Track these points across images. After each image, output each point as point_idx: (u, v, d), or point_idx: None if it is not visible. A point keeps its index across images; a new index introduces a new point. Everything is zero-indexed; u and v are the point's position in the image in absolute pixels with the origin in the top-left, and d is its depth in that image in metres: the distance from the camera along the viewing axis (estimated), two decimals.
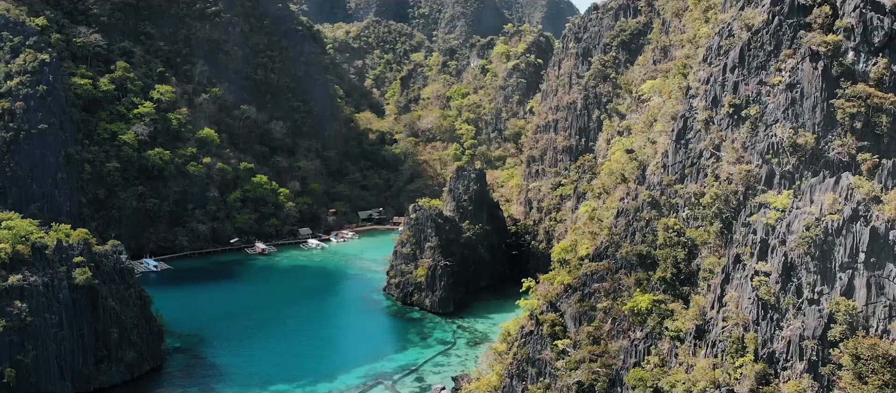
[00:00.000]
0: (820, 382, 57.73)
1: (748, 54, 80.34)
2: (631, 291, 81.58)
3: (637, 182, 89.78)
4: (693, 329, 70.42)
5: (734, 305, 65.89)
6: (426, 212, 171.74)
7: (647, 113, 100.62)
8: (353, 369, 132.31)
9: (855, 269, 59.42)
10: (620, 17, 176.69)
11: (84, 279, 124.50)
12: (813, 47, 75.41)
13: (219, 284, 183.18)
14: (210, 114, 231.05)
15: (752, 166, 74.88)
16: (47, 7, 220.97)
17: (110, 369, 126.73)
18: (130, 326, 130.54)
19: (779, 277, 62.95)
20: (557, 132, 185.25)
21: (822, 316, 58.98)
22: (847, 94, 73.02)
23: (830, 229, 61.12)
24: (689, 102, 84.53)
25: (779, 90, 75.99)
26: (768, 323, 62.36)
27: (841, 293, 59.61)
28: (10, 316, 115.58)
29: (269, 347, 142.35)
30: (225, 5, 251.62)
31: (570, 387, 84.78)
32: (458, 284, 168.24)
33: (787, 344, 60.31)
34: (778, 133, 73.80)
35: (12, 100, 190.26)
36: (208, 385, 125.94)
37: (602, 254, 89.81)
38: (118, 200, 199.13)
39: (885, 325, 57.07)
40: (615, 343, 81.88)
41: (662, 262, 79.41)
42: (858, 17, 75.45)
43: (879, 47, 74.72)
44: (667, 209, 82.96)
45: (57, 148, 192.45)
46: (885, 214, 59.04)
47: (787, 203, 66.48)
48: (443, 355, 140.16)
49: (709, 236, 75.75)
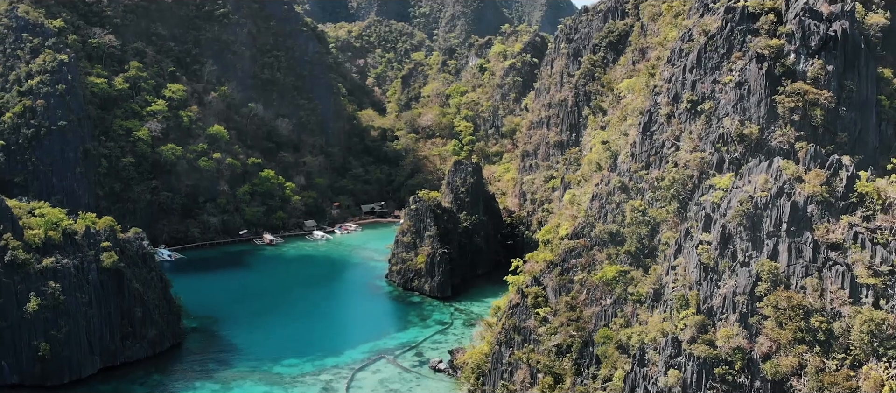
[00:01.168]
0: (748, 330, 69.81)
1: (704, 56, 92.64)
2: (602, 264, 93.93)
3: (610, 170, 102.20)
4: (651, 293, 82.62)
5: (682, 270, 78.03)
6: (425, 203, 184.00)
7: (622, 108, 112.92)
8: (357, 346, 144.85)
9: (779, 236, 71.53)
10: (609, 19, 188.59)
11: (111, 262, 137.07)
12: (759, 50, 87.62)
13: (230, 271, 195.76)
14: (219, 111, 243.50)
15: (705, 154, 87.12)
16: (64, 9, 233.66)
17: (134, 346, 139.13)
18: (152, 306, 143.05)
19: (718, 245, 75.13)
20: (549, 128, 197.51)
21: (751, 275, 71.08)
22: (787, 90, 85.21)
23: (760, 204, 73.26)
24: (654, 99, 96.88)
25: (729, 88, 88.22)
26: (708, 283, 74.48)
27: (767, 256, 71.73)
28: (45, 295, 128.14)
29: (279, 326, 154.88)
30: (232, 7, 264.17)
31: (550, 349, 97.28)
32: (456, 271, 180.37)
33: (723, 299, 72.43)
34: (727, 125, 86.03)
35: (33, 98, 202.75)
36: (225, 360, 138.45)
37: (579, 233, 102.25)
38: (133, 193, 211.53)
39: (801, 281, 69.14)
40: (589, 310, 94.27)
41: (629, 238, 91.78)
42: (798, 24, 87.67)
43: (816, 50, 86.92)
44: (634, 193, 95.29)
45: (76, 143, 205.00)
46: (805, 190, 71.21)
47: (728, 184, 78.65)
48: (440, 334, 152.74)
49: (667, 215, 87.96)
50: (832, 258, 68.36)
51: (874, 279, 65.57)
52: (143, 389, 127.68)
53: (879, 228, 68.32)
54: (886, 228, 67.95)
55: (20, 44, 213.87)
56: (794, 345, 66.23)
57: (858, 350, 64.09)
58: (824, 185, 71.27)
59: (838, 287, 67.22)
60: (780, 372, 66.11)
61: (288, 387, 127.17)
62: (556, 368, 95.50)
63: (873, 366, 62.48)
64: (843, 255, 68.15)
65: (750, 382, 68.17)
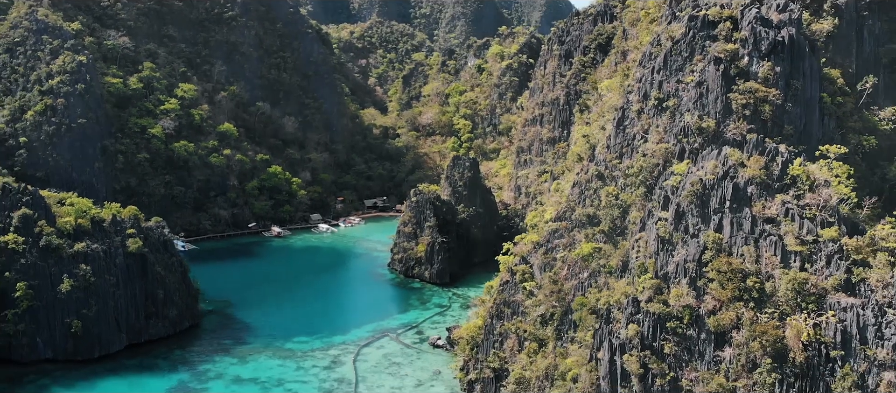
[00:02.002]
0: (696, 290, 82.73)
1: (670, 59, 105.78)
2: (580, 243, 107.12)
3: (589, 160, 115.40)
4: (620, 264, 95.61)
5: (644, 243, 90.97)
6: (425, 196, 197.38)
7: (602, 105, 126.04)
8: (362, 326, 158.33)
9: (723, 212, 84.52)
10: (598, 23, 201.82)
11: (136, 248, 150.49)
12: (716, 54, 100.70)
13: (241, 261, 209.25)
14: (228, 110, 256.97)
15: (669, 145, 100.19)
16: (80, 12, 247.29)
17: (157, 324, 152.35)
18: (173, 288, 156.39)
19: (673, 221, 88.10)
20: (543, 125, 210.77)
21: (699, 245, 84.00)
22: (740, 89, 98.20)
23: (708, 185, 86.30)
24: (627, 97, 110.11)
25: (690, 86, 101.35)
26: (664, 252, 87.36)
27: (713, 229, 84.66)
28: (77, 277, 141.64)
29: (289, 309, 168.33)
30: (240, 10, 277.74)
31: (535, 319, 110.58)
32: (454, 260, 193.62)
33: (676, 266, 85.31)
34: (688, 119, 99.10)
35: (54, 97, 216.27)
36: (240, 338, 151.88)
37: (561, 216, 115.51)
38: (148, 187, 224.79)
39: (740, 249, 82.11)
40: (568, 283, 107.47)
41: (604, 219, 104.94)
42: (751, 30, 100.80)
43: (766, 53, 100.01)
44: (609, 180, 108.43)
45: (94, 140, 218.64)
46: (747, 174, 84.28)
47: (685, 169, 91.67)
48: (439, 315, 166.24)
49: (636, 198, 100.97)
50: (767, 230, 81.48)
51: (801, 247, 78.68)
52: (166, 363, 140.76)
53: (807, 205, 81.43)
54: (813, 204, 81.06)
55: (40, 45, 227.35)
56: (733, 302, 79.35)
57: (785, 305, 77.14)
58: (763, 169, 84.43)
59: (771, 254, 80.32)
60: (722, 325, 79.26)
61: (299, 361, 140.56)
62: (540, 334, 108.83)
63: (796, 317, 75.51)
64: (776, 227, 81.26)
65: (697, 333, 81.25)
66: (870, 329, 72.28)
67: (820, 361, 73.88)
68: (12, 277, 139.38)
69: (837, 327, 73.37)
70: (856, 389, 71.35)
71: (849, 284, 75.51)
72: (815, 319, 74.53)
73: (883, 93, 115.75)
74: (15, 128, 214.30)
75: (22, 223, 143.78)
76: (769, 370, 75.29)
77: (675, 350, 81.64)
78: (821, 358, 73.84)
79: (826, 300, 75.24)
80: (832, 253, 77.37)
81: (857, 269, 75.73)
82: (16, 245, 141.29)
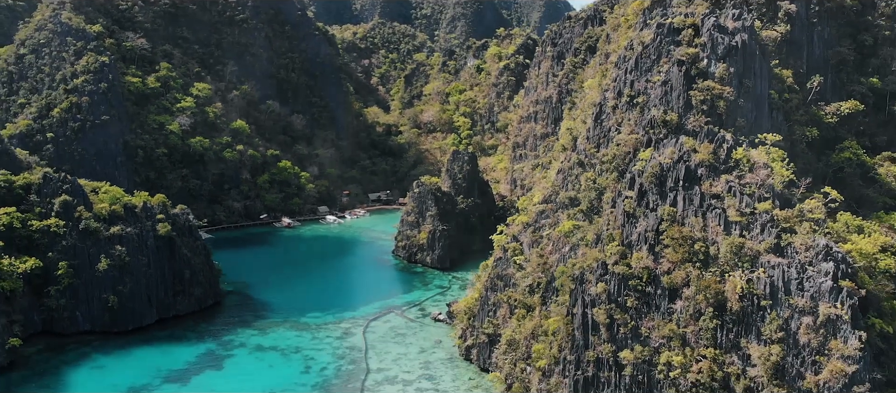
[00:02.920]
0: (654, 255, 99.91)
1: (641, 61, 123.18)
2: (563, 222, 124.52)
3: (571, 150, 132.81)
4: (594, 237, 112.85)
5: (614, 218, 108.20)
6: (427, 187, 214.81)
7: (583, 102, 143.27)
8: (370, 303, 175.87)
9: (677, 190, 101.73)
10: (588, 26, 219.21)
11: (165, 231, 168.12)
12: (679, 57, 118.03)
13: (255, 248, 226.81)
14: (240, 108, 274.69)
15: (638, 135, 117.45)
16: (100, 15, 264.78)
17: (184, 301, 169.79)
18: (198, 268, 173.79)
19: (636, 198, 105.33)
20: (537, 122, 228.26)
21: (657, 218, 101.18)
22: (700, 87, 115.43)
23: (665, 168, 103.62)
24: (603, 94, 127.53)
25: (657, 85, 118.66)
26: (629, 224, 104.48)
27: (668, 204, 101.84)
28: (113, 257, 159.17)
29: (302, 290, 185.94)
30: (251, 13, 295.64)
31: (524, 289, 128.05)
32: (454, 246, 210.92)
33: (638, 235, 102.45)
34: (654, 113, 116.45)
35: (78, 95, 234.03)
36: (259, 313, 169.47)
37: (547, 199, 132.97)
38: (166, 180, 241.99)
39: (690, 220, 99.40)
40: (552, 256, 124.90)
41: (583, 200, 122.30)
42: (709, 36, 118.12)
43: (722, 56, 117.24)
44: (588, 166, 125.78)
45: (116, 136, 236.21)
46: (697, 158, 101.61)
47: (649, 155, 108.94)
48: (440, 295, 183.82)
49: (610, 181, 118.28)
50: (713, 204, 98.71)
51: (740, 218, 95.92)
52: (193, 334, 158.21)
53: (747, 184, 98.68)
54: (751, 183, 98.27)
55: (65, 47, 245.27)
56: (683, 263, 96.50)
57: (725, 264, 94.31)
58: (711, 154, 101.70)
59: (716, 224, 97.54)
60: (674, 282, 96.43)
61: (314, 332, 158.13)
62: (528, 302, 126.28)
63: (734, 274, 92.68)
64: (720, 202, 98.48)
65: (654, 290, 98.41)
66: (793, 283, 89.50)
67: (752, 309, 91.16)
68: (54, 257, 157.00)
69: (767, 282, 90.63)
70: (780, 331, 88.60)
71: (778, 248, 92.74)
72: (748, 275, 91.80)
73: (830, 91, 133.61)
74: (42, 124, 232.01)
75: (62, 209, 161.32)
76: (711, 317, 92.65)
77: (636, 304, 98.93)
78: (753, 307, 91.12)
79: (759, 260, 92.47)
80: (765, 222, 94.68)
81: (785, 235, 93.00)
82: (57, 228, 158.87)
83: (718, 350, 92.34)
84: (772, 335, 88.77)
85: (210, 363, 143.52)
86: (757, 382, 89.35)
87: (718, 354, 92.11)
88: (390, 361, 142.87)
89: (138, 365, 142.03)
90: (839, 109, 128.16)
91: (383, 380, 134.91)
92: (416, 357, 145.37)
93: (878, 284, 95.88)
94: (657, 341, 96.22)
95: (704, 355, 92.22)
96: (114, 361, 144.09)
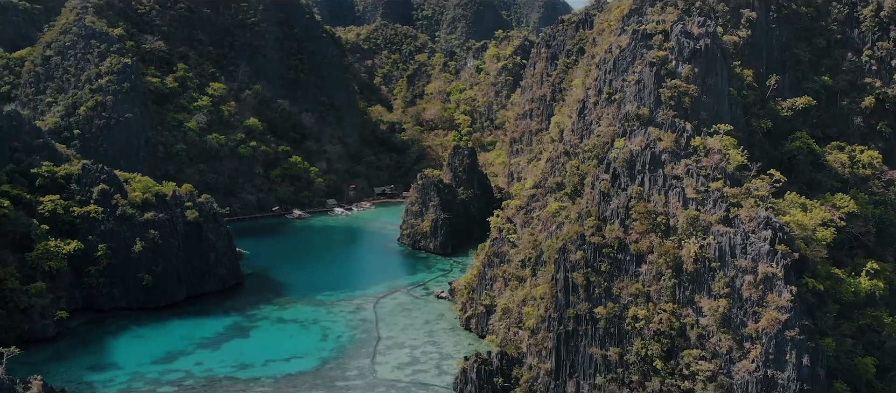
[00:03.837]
0: (624, 227, 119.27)
1: (618, 63, 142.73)
2: (550, 204, 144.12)
3: (558, 140, 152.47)
4: (576, 215, 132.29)
5: (592, 197, 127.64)
6: (430, 179, 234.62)
7: (570, 99, 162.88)
8: (378, 284, 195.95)
9: (644, 173, 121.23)
10: (580, 29, 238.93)
11: (193, 217, 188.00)
12: (651, 59, 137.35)
13: (270, 237, 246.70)
14: (253, 106, 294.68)
15: (615, 128, 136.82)
16: (121, 19, 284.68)
17: (210, 280, 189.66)
18: (222, 251, 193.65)
19: (611, 180, 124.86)
20: (532, 118, 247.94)
21: (627, 196, 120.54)
22: (668, 85, 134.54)
23: (635, 154, 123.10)
24: (586, 92, 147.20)
25: (632, 84, 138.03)
26: (604, 202, 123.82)
27: (637, 184, 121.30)
28: (147, 240, 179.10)
29: (316, 273, 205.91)
30: (262, 16, 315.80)
31: (517, 264, 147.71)
32: (455, 234, 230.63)
33: (611, 211, 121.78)
34: (629, 108, 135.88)
35: (103, 94, 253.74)
36: (278, 292, 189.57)
37: (538, 185, 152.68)
38: (184, 174, 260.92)
39: (654, 198, 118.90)
40: (542, 235, 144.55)
41: (567, 185, 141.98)
42: (677, 41, 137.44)
43: (688, 58, 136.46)
44: (572, 155, 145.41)
45: (139, 133, 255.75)
46: (662, 145, 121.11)
47: (622, 144, 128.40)
48: (442, 276, 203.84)
49: (590, 167, 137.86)
50: (674, 184, 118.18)
51: (696, 195, 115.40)
52: (220, 310, 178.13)
53: (703, 167, 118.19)
54: (707, 166, 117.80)
55: (89, 49, 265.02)
56: (648, 233, 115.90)
57: (682, 234, 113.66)
58: (673, 142, 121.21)
59: (676, 200, 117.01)
60: (640, 249, 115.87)
61: (329, 307, 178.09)
62: (520, 274, 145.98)
63: (689, 242, 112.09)
64: (680, 182, 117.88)
65: (623, 256, 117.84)
66: (738, 248, 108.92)
67: (704, 270, 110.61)
68: (94, 240, 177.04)
69: (716, 247, 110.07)
70: (727, 288, 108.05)
71: (726, 219, 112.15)
72: (701, 242, 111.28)
73: (788, 88, 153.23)
74: (69, 121, 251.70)
75: (101, 196, 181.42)
76: (670, 278, 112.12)
77: (609, 268, 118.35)
78: (705, 268, 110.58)
79: (710, 230, 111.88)
80: (717, 198, 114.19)
81: (733, 209, 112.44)
82: (96, 214, 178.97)
83: (676, 304, 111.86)
84: (720, 291, 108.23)
85: (237, 333, 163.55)
86: (708, 330, 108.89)
87: (676, 308, 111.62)
88: (398, 331, 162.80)
89: (173, 335, 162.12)
90: (794, 104, 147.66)
91: (393, 345, 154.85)
92: (421, 327, 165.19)
93: (813, 250, 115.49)
94: (626, 299, 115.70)
95: (665, 309, 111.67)
96: (151, 332, 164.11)
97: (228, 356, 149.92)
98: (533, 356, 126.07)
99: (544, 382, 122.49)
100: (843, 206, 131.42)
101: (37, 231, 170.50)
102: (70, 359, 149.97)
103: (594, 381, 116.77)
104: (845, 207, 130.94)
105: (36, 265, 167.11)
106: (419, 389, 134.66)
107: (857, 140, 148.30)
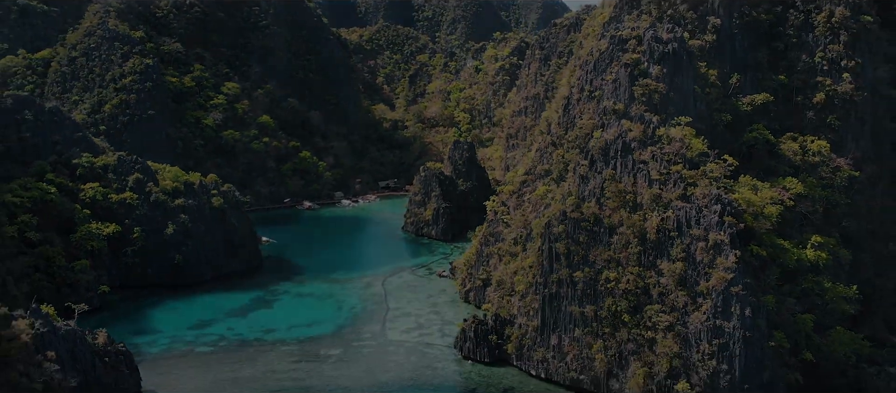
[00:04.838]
0: (599, 204, 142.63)
1: (598, 64, 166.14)
2: (539, 188, 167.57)
3: (546, 132, 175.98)
4: (560, 196, 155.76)
5: (574, 181, 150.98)
6: (432, 171, 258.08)
7: (558, 95, 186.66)
8: (384, 265, 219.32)
9: (617, 158, 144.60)
10: (571, 32, 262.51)
11: (218, 204, 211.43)
12: (626, 61, 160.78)
13: (283, 226, 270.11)
14: (264, 105, 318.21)
15: (594, 121, 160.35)
16: (140, 22, 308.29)
17: (233, 262, 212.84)
18: (243, 235, 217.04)
19: (589, 164, 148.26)
20: (527, 115, 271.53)
21: (602, 178, 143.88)
22: (641, 84, 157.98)
23: (609, 142, 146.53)
24: (570, 90, 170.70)
25: (609, 83, 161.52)
26: (582, 184, 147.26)
27: (610, 168, 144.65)
28: (178, 224, 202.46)
29: (328, 256, 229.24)
30: (272, 19, 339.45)
31: (510, 241, 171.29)
32: (455, 222, 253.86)
33: (589, 191, 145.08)
34: (607, 104, 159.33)
35: (127, 93, 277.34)
36: (295, 272, 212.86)
37: (528, 172, 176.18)
38: (202, 168, 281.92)
39: (624, 179, 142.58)
40: (531, 215, 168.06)
41: (553, 171, 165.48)
42: (648, 45, 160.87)
43: (658, 59, 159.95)
44: (558, 146, 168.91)
45: (160, 129, 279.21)
46: (632, 135, 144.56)
47: (599, 134, 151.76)
48: (443, 259, 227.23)
49: (573, 156, 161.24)
50: (641, 167, 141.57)
51: (659, 176, 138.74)
52: (243, 286, 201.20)
53: (666, 153, 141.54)
54: (668, 152, 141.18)
55: (112, 50, 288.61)
56: (618, 209, 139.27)
57: (647, 209, 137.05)
58: (641, 132, 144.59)
59: (643, 181, 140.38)
60: (612, 223, 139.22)
61: (342, 284, 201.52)
62: (512, 250, 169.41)
63: (653, 215, 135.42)
64: (646, 166, 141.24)
65: (599, 229, 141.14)
66: (693, 220, 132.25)
67: (665, 238, 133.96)
68: (130, 223, 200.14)
69: (675, 220, 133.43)
70: (683, 253, 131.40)
71: (684, 196, 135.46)
72: (663, 215, 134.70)
73: (749, 86, 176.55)
74: (94, 118, 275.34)
75: (135, 184, 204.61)
76: (636, 245, 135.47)
77: (586, 239, 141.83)
78: (665, 237, 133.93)
79: (670, 205, 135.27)
80: (676, 179, 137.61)
81: (690, 188, 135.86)
82: (132, 200, 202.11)
83: (641, 268, 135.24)
84: (677, 256, 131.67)
85: (261, 305, 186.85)
86: (667, 288, 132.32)
87: (641, 271, 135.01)
88: (405, 303, 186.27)
89: (204, 306, 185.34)
90: (754, 100, 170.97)
91: (400, 314, 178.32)
92: (425, 300, 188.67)
93: (759, 223, 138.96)
94: (600, 264, 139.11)
95: (632, 272, 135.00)
96: (184, 305, 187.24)
97: (255, 323, 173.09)
98: (522, 316, 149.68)
99: (531, 337, 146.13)
100: (792, 188, 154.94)
101: (80, 215, 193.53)
102: (114, 326, 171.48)
103: (573, 334, 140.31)
104: (794, 189, 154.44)
105: (79, 246, 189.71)
106: (425, 348, 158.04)
107: (809, 132, 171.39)
